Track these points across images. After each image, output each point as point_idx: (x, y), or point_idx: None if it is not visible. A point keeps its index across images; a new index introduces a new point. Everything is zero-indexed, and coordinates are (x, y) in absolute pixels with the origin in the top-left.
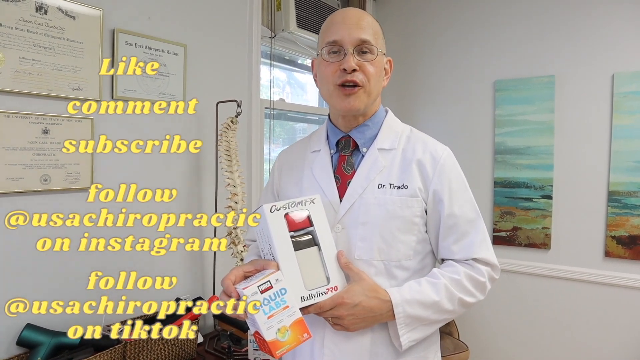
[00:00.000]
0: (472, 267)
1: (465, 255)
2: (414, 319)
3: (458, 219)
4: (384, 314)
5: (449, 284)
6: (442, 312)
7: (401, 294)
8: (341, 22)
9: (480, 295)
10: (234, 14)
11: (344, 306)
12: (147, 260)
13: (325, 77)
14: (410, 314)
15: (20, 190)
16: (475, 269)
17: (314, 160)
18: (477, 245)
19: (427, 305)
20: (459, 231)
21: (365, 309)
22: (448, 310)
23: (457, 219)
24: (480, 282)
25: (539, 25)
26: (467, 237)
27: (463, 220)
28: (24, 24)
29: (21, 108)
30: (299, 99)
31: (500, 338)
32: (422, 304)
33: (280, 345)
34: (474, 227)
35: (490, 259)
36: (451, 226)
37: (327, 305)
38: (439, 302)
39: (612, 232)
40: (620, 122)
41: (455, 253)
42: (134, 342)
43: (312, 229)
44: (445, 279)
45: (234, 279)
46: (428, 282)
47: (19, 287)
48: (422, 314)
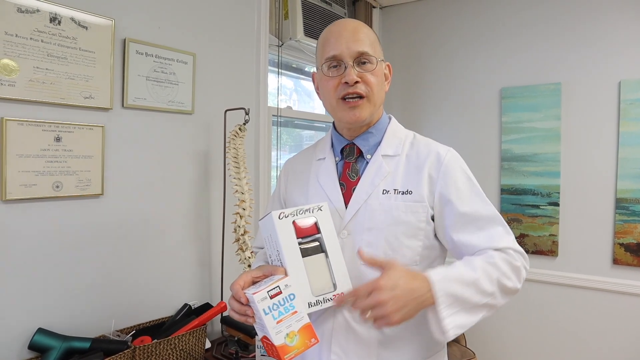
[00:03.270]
0: (502, 251)
1: (490, 246)
2: (455, 299)
3: (471, 217)
4: (425, 294)
5: (485, 265)
6: (483, 293)
7: (438, 273)
8: (338, 37)
9: (517, 281)
10: (242, 23)
11: (383, 290)
12: (156, 266)
13: (327, 91)
14: (450, 291)
15: (33, 196)
16: (507, 254)
17: (319, 167)
18: (500, 236)
19: (467, 283)
20: (476, 227)
21: (405, 290)
22: (488, 291)
23: (469, 217)
24: (516, 266)
25: (545, 32)
26: (485, 230)
27: (477, 217)
28: (39, 35)
29: (35, 116)
30: (306, 107)
31: (508, 345)
32: (462, 281)
33: (289, 350)
34: (491, 220)
35: (517, 247)
36: (465, 224)
37: (363, 290)
38: (478, 279)
39: (620, 239)
40: (628, 129)
41: (478, 246)
42: (143, 347)
43: (319, 235)
44: (479, 261)
45: (242, 284)
46: (463, 263)
47: (31, 292)
48: (462, 292)
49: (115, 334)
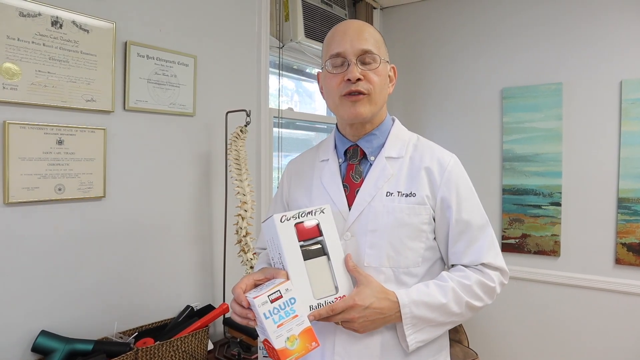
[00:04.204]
0: (481, 272)
1: (475, 260)
2: (420, 320)
3: (466, 225)
4: (392, 315)
5: (457, 288)
6: (449, 314)
7: (409, 296)
8: (343, 35)
9: (488, 300)
10: (243, 25)
11: (356, 309)
12: (158, 268)
13: (330, 88)
14: (416, 314)
15: (36, 199)
16: (484, 274)
17: (323, 169)
18: (486, 251)
19: (434, 307)
20: (468, 237)
21: (376, 310)
22: (455, 312)
23: (465, 225)
24: (490, 287)
25: (546, 32)
26: (476, 243)
27: (471, 226)
28: (40, 38)
29: (37, 119)
30: (307, 108)
31: (510, 346)
32: (429, 305)
33: (289, 353)
34: (483, 232)
35: (499, 264)
36: (460, 232)
37: (339, 308)
38: (446, 304)
39: (622, 239)
40: (629, 128)
41: (464, 258)
42: (145, 349)
43: (321, 238)
44: (453, 283)
45: (244, 287)
46: (436, 285)
47: (34, 294)
48: (428, 315)
49: (117, 336)
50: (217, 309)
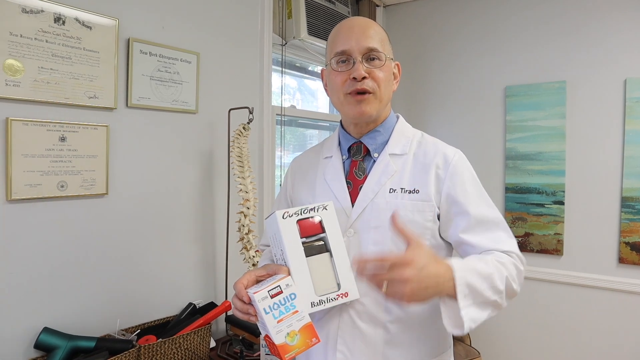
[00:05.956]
0: (508, 254)
1: (496, 247)
2: (472, 290)
3: (478, 219)
4: (445, 282)
5: (496, 262)
6: (494, 289)
7: (459, 262)
8: (348, 32)
9: (519, 284)
10: (246, 23)
11: (412, 266)
12: (161, 265)
13: (335, 86)
14: (469, 282)
15: (38, 196)
16: (512, 257)
17: (326, 166)
18: (504, 240)
19: (484, 276)
20: (482, 229)
21: (431, 273)
22: (499, 288)
23: (476, 219)
24: (520, 270)
25: (550, 30)
26: (491, 233)
27: (483, 220)
28: (43, 35)
29: (39, 116)
30: (310, 106)
31: (513, 344)
32: (480, 273)
33: (289, 349)
34: (496, 224)
35: (519, 253)
36: (472, 225)
37: (393, 260)
38: (492, 274)
39: (625, 238)
40: (633, 127)
41: (484, 246)
42: (147, 346)
43: (324, 235)
44: (491, 258)
45: (246, 282)
46: (477, 257)
47: (36, 291)
48: (479, 285)
49: (120, 333)
50: (219, 307)
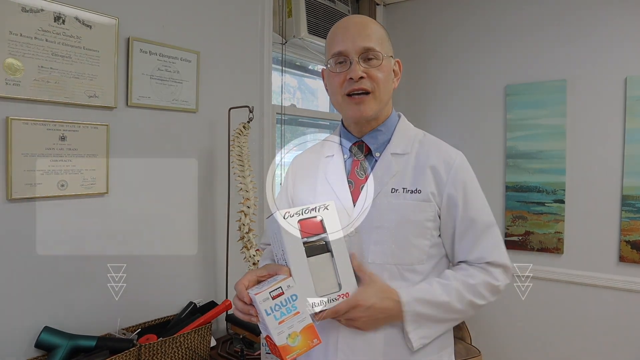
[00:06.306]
0: (486, 271)
1: (480, 259)
2: (422, 317)
3: (472, 223)
4: (395, 314)
5: (460, 287)
6: (452, 312)
7: (410, 293)
8: (344, 33)
9: (492, 298)
10: (246, 21)
11: (359, 309)
12: (161, 264)
13: (334, 87)
14: (418, 311)
15: (38, 195)
16: (489, 273)
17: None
18: (491, 249)
19: (436, 305)
20: (473, 235)
21: (378, 310)
22: (458, 310)
23: (471, 222)
24: (495, 286)
25: (550, 29)
26: (481, 241)
27: (477, 224)
28: (43, 34)
29: (39, 115)
30: (310, 105)
31: (513, 343)
32: (431, 303)
33: (291, 350)
34: (488, 230)
35: (504, 262)
36: (465, 230)
37: (342, 309)
38: (448, 302)
39: (626, 236)
40: (634, 125)
41: (469, 256)
42: (148, 345)
43: (325, 235)
44: (457, 282)
45: (247, 283)
46: (439, 284)
47: (37, 291)
48: (430, 312)
49: (120, 332)
50: (219, 306)
